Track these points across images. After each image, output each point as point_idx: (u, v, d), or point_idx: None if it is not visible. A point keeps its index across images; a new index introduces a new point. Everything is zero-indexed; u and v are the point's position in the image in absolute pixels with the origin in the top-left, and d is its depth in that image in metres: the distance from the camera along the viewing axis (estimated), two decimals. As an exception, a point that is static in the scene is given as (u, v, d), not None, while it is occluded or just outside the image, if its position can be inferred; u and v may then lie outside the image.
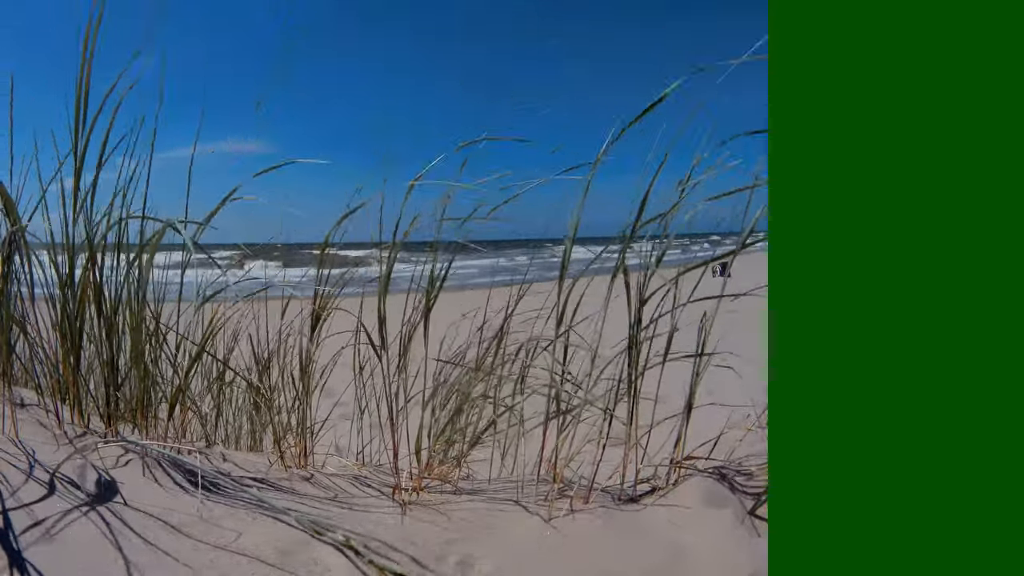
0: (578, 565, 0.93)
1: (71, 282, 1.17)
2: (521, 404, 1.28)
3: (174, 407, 1.29)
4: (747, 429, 1.36)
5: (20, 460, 0.95)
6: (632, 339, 1.13)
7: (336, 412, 1.58)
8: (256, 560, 0.85)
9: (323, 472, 1.35)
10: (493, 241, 1.46)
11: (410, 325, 1.24)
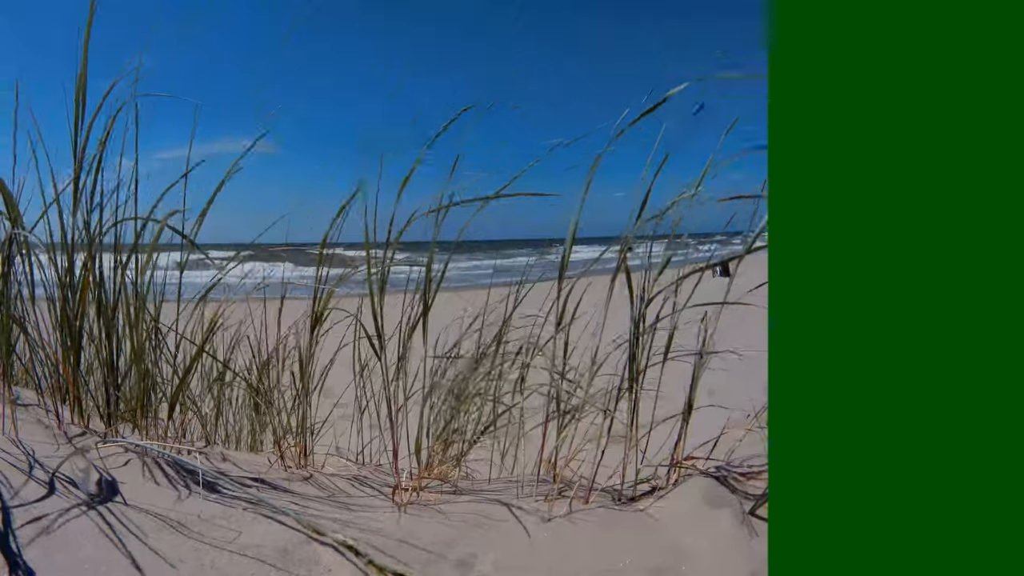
0: (578, 565, 0.93)
1: (71, 282, 1.17)
2: (521, 404, 1.28)
3: (174, 407, 1.29)
4: (747, 429, 1.36)
5: (20, 460, 0.95)
6: (632, 339, 1.13)
7: (336, 412, 1.58)
8: (256, 560, 0.85)
9: (323, 472, 1.35)
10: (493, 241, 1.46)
11: (409, 324, 1.24)
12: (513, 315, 1.36)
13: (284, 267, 1.48)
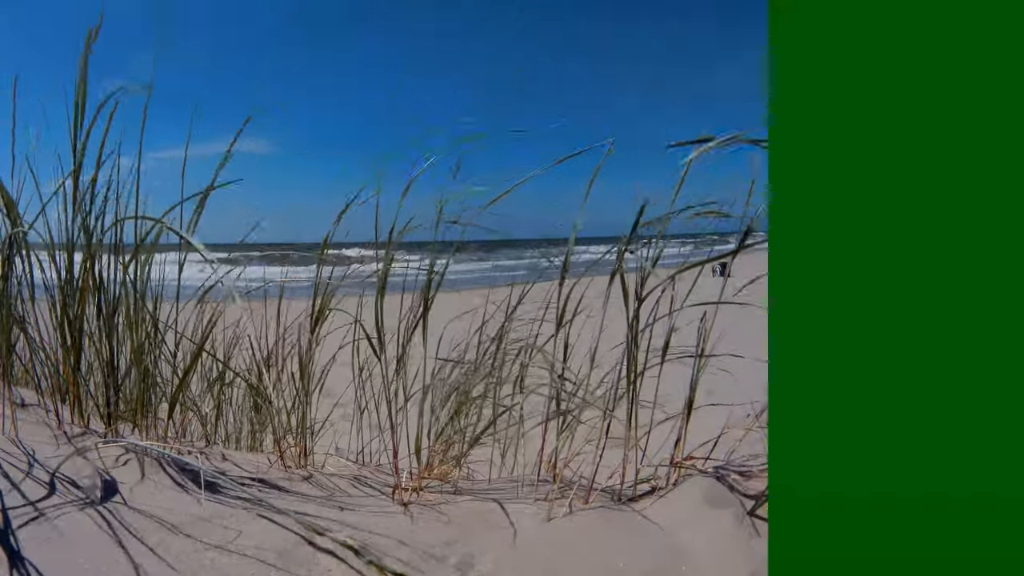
0: (578, 565, 0.93)
1: (71, 282, 1.17)
2: (521, 404, 1.28)
3: (174, 407, 1.29)
4: (747, 429, 1.36)
5: (20, 460, 0.95)
6: (630, 338, 1.13)
7: (336, 412, 1.58)
8: (256, 560, 0.85)
9: (323, 472, 1.35)
10: (492, 241, 1.46)
11: (409, 324, 1.24)
12: (514, 316, 1.36)
13: (284, 267, 1.48)
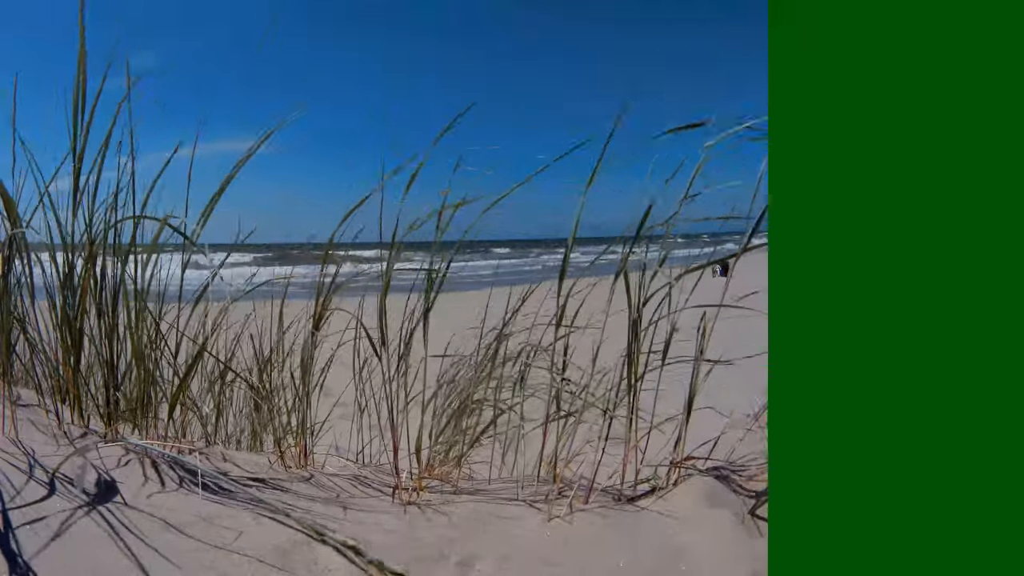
0: (578, 565, 0.93)
1: (71, 282, 1.17)
2: (521, 404, 1.28)
3: (174, 407, 1.29)
4: (747, 429, 1.36)
5: (20, 460, 0.95)
6: (631, 340, 1.13)
7: (336, 412, 1.58)
8: (256, 560, 0.85)
9: (323, 472, 1.35)
10: (492, 241, 1.46)
11: (409, 324, 1.24)
12: (514, 316, 1.36)
13: (284, 267, 1.48)
